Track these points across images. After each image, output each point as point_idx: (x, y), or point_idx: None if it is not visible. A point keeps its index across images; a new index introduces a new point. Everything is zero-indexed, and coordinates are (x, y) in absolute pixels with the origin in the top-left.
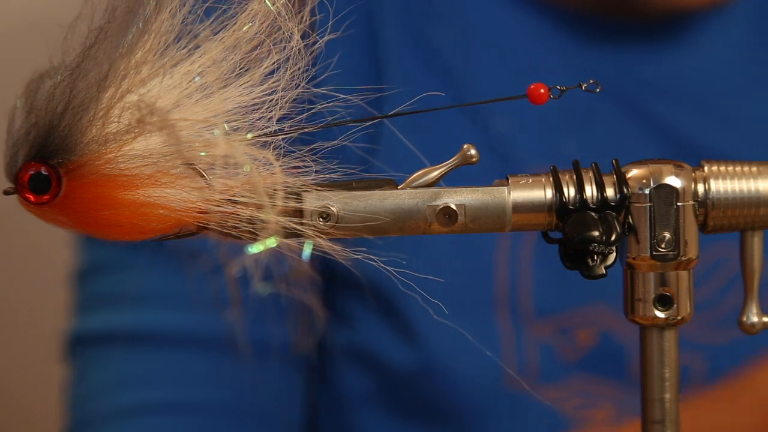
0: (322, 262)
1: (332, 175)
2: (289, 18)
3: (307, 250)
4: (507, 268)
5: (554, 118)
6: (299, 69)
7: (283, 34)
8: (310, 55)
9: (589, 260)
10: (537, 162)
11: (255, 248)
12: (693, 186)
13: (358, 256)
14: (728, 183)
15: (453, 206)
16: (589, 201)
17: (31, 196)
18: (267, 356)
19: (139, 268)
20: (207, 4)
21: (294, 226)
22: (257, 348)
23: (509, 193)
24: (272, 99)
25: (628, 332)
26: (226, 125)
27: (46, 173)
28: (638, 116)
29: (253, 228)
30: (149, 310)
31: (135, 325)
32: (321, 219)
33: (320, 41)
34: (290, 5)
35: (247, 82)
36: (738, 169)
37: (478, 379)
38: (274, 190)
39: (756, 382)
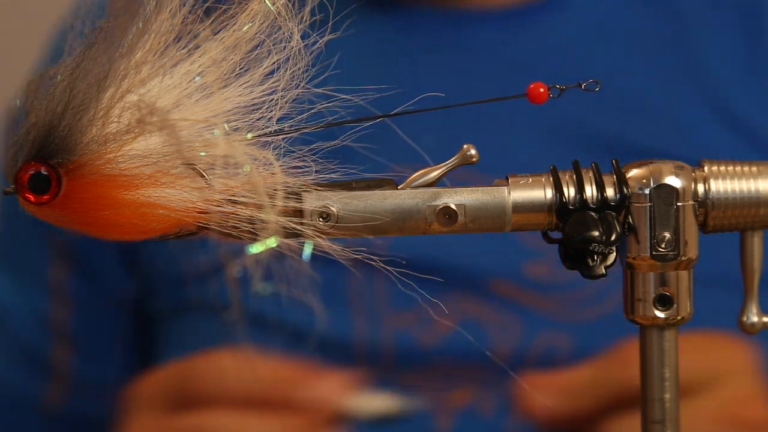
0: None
1: (332, 175)
2: (289, 18)
3: (307, 250)
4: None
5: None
6: (299, 69)
7: (283, 34)
8: (310, 55)
9: (589, 260)
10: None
11: (255, 248)
12: (693, 186)
13: (358, 256)
14: (728, 183)
15: (453, 206)
16: (589, 201)
17: (31, 196)
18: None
19: None
20: (207, 4)
21: (294, 226)
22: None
23: (509, 192)
24: (272, 99)
25: (490, 318)
26: (226, 125)
27: (46, 173)
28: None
29: (253, 228)
30: None
31: None
32: (321, 219)
33: (320, 41)
34: (290, 5)
35: (247, 82)
36: (738, 169)
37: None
38: (274, 190)
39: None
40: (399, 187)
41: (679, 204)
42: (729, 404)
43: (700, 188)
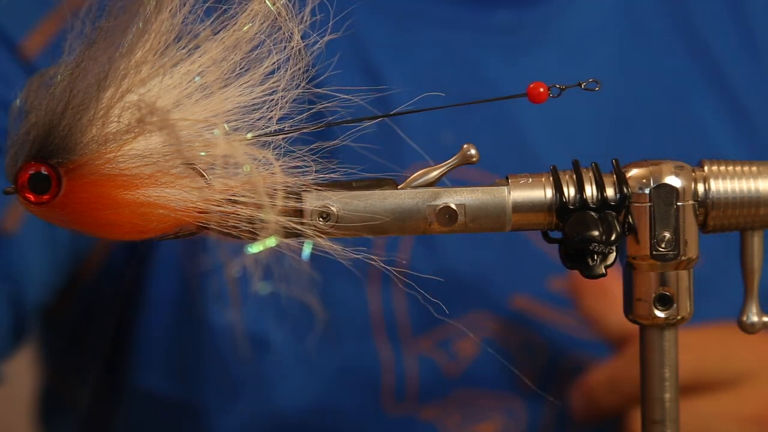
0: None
1: (332, 175)
2: (289, 18)
3: (306, 250)
4: (379, 291)
5: None
6: (299, 69)
7: (284, 34)
8: (310, 55)
9: (589, 260)
10: None
11: (254, 248)
12: (693, 186)
13: (358, 256)
14: (728, 183)
15: (453, 206)
16: (589, 201)
17: (31, 196)
18: None
19: None
20: (207, 4)
21: (294, 225)
22: None
23: (509, 192)
24: (272, 99)
25: (512, 337)
26: (226, 125)
27: (46, 173)
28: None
29: (252, 228)
30: None
31: None
32: (321, 219)
33: (320, 41)
34: (290, 5)
35: (248, 82)
36: (738, 168)
37: (357, 408)
38: (274, 190)
39: None
40: (399, 187)
41: (679, 204)
42: (755, 404)
43: (700, 188)
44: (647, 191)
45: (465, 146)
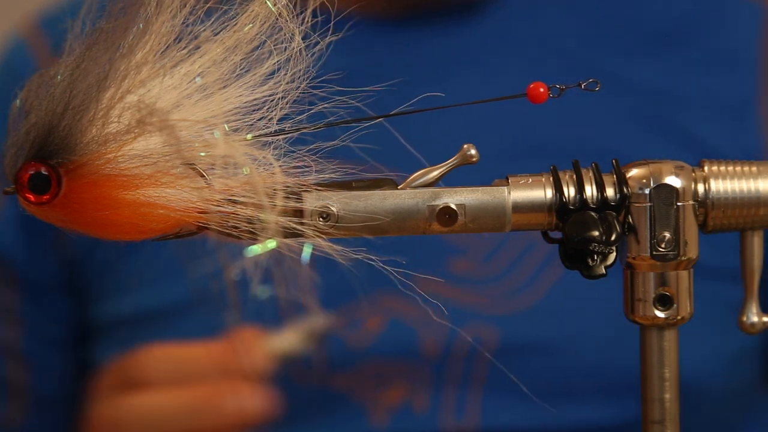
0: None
1: (332, 175)
2: (290, 19)
3: (306, 252)
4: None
5: None
6: (300, 70)
7: (284, 35)
8: (311, 56)
9: (589, 260)
10: None
11: (254, 250)
12: (693, 186)
13: (358, 256)
14: (728, 183)
15: (453, 206)
16: (589, 201)
17: (31, 196)
18: None
19: None
20: (208, 5)
21: (294, 226)
22: None
23: (509, 192)
24: (273, 99)
25: (418, 315)
26: (226, 126)
27: (46, 173)
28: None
29: (252, 228)
30: None
31: None
32: (321, 219)
33: (322, 42)
34: (291, 6)
35: (248, 82)
36: (738, 169)
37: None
38: (274, 190)
39: None
40: (399, 187)
41: (679, 204)
42: None
43: (700, 188)
44: (647, 191)
45: (465, 146)
